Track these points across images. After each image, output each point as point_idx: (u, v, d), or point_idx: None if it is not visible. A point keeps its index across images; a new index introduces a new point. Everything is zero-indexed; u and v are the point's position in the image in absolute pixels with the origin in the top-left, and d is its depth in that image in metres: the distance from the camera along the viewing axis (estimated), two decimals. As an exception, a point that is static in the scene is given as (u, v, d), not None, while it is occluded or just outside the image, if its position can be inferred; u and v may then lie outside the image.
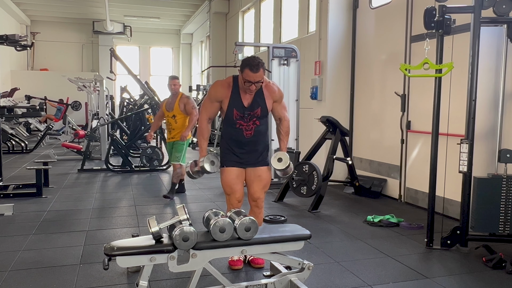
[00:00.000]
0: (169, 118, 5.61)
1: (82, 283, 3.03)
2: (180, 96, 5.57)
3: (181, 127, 5.57)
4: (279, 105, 3.29)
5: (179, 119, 5.56)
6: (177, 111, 5.53)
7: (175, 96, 5.58)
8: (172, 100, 5.59)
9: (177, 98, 5.55)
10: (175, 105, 5.51)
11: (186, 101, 5.52)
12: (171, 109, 5.54)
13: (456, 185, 3.99)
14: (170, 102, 5.61)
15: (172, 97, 5.61)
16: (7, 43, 5.54)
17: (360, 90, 6.76)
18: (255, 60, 3.01)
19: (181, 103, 5.51)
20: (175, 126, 5.60)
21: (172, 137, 5.66)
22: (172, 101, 5.57)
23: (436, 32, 3.74)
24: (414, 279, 3.17)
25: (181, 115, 5.54)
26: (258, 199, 3.31)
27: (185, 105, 5.50)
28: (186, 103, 5.50)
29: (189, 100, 5.55)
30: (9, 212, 4.81)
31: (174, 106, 5.52)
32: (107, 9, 14.80)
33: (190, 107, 5.48)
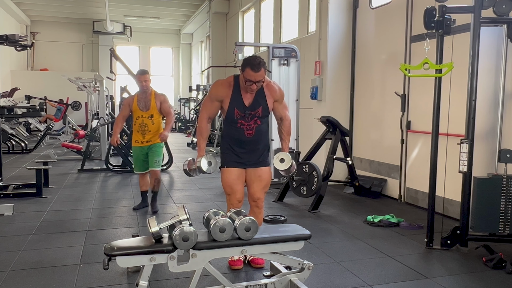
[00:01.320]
0: (145, 118, 4.87)
1: (82, 283, 3.03)
2: (154, 94, 4.93)
3: (157, 129, 4.93)
4: (280, 105, 3.29)
5: (156, 119, 4.94)
6: (155, 110, 4.89)
7: (148, 93, 4.90)
8: (145, 98, 4.89)
9: (152, 95, 4.90)
10: (152, 103, 4.87)
11: (163, 99, 4.95)
12: (147, 108, 4.86)
13: (456, 185, 3.99)
14: (143, 100, 4.88)
15: (143, 94, 4.89)
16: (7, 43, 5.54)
17: (360, 90, 6.76)
18: (257, 59, 3.01)
19: (157, 101, 4.90)
20: (151, 128, 4.89)
21: (148, 140, 4.91)
22: (146, 99, 4.88)
23: (436, 32, 3.74)
24: (414, 279, 3.17)
25: (157, 115, 4.94)
26: (258, 199, 3.31)
27: (161, 103, 4.92)
28: (163, 101, 4.94)
29: (165, 98, 4.99)
30: (9, 212, 4.81)
31: (151, 105, 4.86)
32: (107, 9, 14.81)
33: (167, 105, 4.96)
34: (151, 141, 4.92)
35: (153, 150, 4.96)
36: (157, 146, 4.96)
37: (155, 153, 4.96)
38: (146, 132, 4.89)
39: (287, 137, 3.33)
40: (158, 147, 4.99)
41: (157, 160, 4.97)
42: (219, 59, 14.48)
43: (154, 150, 4.96)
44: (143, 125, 4.88)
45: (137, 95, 4.93)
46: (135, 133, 4.93)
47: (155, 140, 4.93)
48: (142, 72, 4.93)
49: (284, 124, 3.32)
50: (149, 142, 4.92)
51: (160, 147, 5.02)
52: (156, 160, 4.97)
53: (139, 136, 4.91)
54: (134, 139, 4.96)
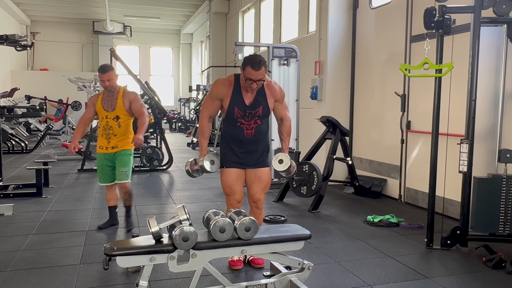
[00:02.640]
0: (110, 120, 4.15)
1: (82, 283, 3.03)
2: (122, 92, 4.20)
3: (124, 133, 4.20)
4: (280, 105, 3.29)
5: (124, 121, 4.20)
6: (121, 111, 4.16)
7: (114, 92, 4.19)
8: (111, 96, 4.18)
9: (119, 94, 4.18)
10: (118, 103, 4.15)
11: (132, 97, 4.20)
12: (113, 108, 4.14)
13: (456, 185, 3.99)
14: (108, 99, 4.18)
15: (109, 93, 4.19)
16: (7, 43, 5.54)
17: (360, 90, 6.76)
18: (257, 58, 3.01)
19: (125, 100, 4.16)
20: (118, 131, 4.17)
21: (114, 146, 4.18)
22: (112, 98, 4.17)
23: (436, 32, 3.74)
24: (414, 279, 3.17)
25: (125, 117, 4.21)
26: (258, 200, 3.31)
27: (131, 102, 4.18)
28: (133, 100, 4.19)
29: (136, 96, 4.25)
30: (9, 212, 4.81)
31: (116, 104, 4.15)
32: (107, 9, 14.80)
33: (138, 105, 4.21)
34: (117, 147, 4.19)
35: (120, 159, 4.21)
36: (124, 154, 4.24)
37: (122, 162, 4.22)
38: (111, 136, 4.17)
39: (287, 138, 3.33)
40: (126, 155, 4.25)
41: (124, 170, 4.23)
42: (219, 59, 14.48)
43: (121, 159, 4.21)
44: (108, 128, 4.17)
45: (103, 93, 4.26)
46: (99, 137, 4.24)
47: (123, 146, 4.21)
48: (103, 69, 4.15)
49: (284, 124, 3.32)
50: (115, 148, 4.19)
51: (128, 155, 4.27)
52: (123, 171, 4.22)
53: (103, 140, 4.20)
54: (98, 144, 4.26)
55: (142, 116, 4.23)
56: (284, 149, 3.31)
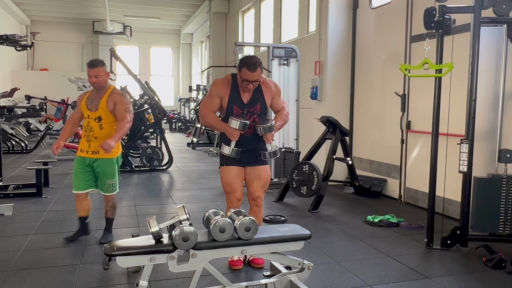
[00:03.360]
0: (92, 120, 3.75)
1: (82, 283, 3.03)
2: (110, 91, 3.83)
3: (107, 136, 3.71)
4: (278, 100, 3.33)
5: (107, 123, 3.77)
6: (104, 112, 3.75)
7: (102, 90, 3.83)
8: (97, 95, 3.82)
9: (106, 93, 3.81)
10: (102, 102, 3.76)
11: (118, 98, 3.78)
12: (95, 108, 3.76)
13: (456, 185, 3.99)
14: (93, 98, 3.82)
15: (97, 92, 3.84)
16: (7, 43, 5.54)
17: (360, 90, 6.76)
18: (253, 59, 3.03)
19: (110, 101, 3.75)
20: (99, 134, 3.74)
21: (95, 150, 3.75)
22: (97, 97, 3.80)
23: (436, 32, 3.74)
24: (414, 279, 3.17)
25: (109, 118, 3.78)
26: (258, 198, 3.32)
27: (116, 103, 3.76)
28: (119, 101, 3.76)
29: (123, 98, 3.80)
30: (9, 212, 4.81)
31: (99, 104, 3.76)
32: (107, 9, 14.81)
33: (123, 108, 3.75)
34: (99, 152, 3.73)
35: (103, 169, 3.78)
36: (108, 162, 3.78)
37: (107, 173, 3.79)
38: (91, 138, 3.75)
39: (280, 121, 3.27)
40: (110, 164, 3.79)
41: (111, 183, 3.82)
42: (219, 59, 14.49)
43: (105, 170, 3.79)
44: (88, 129, 3.77)
45: (92, 90, 3.91)
46: (82, 139, 3.87)
47: (106, 154, 3.71)
48: (91, 63, 3.82)
49: (281, 111, 3.33)
50: (96, 154, 3.74)
51: (112, 164, 3.81)
52: (110, 183, 3.82)
53: (85, 143, 3.79)
54: (79, 147, 3.88)
55: (122, 120, 3.74)
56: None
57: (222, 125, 3.19)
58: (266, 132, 3.13)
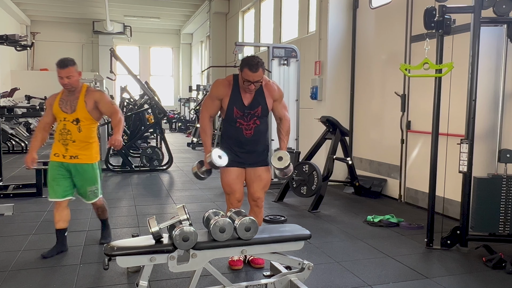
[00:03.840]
0: (68, 123, 3.44)
1: (82, 283, 3.03)
2: (85, 90, 3.51)
3: (86, 139, 3.49)
4: (279, 104, 3.29)
5: (85, 125, 3.47)
6: (83, 113, 3.46)
7: (75, 91, 3.50)
8: (71, 96, 3.49)
9: (80, 93, 3.49)
10: (79, 103, 3.45)
11: (98, 96, 3.53)
12: (72, 109, 3.45)
13: (456, 185, 3.99)
14: (67, 99, 3.49)
15: (69, 93, 3.50)
16: (7, 43, 5.54)
17: (360, 90, 6.76)
18: (254, 59, 3.02)
19: (88, 100, 3.47)
20: (77, 137, 3.45)
21: (73, 155, 3.47)
22: (72, 98, 3.48)
23: (436, 32, 3.74)
24: (414, 279, 3.17)
25: (88, 120, 3.49)
26: (258, 199, 3.32)
27: (96, 102, 3.50)
28: (99, 99, 3.52)
29: (103, 96, 3.59)
30: (9, 212, 4.81)
31: (77, 105, 3.45)
32: (107, 9, 14.81)
33: (107, 103, 3.55)
34: (78, 157, 3.47)
35: (83, 175, 3.52)
36: (88, 168, 3.52)
37: (89, 179, 3.54)
38: (69, 142, 3.44)
39: (286, 137, 3.31)
40: (91, 170, 3.54)
41: (93, 190, 3.58)
42: (219, 59, 14.48)
43: (85, 176, 3.52)
44: (65, 132, 3.44)
45: (62, 92, 3.55)
46: (55, 143, 3.52)
47: (86, 159, 3.49)
48: (62, 63, 3.43)
49: (283, 123, 3.32)
50: (74, 158, 3.47)
51: (93, 169, 3.55)
52: (92, 190, 3.58)
53: (60, 147, 3.48)
54: (53, 151, 3.54)
55: (115, 114, 3.56)
56: (282, 148, 3.29)
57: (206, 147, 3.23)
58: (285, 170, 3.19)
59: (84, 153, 3.49)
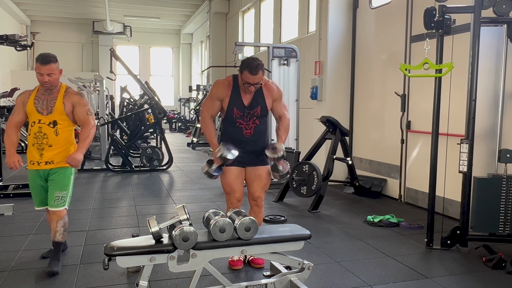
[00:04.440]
0: (44, 126, 3.16)
1: (82, 283, 3.04)
2: (64, 90, 3.25)
3: (64, 144, 3.22)
4: (279, 104, 3.30)
5: (63, 128, 3.20)
6: (60, 115, 3.18)
7: (53, 90, 3.23)
8: (48, 95, 3.22)
9: (59, 93, 3.23)
10: (57, 104, 3.18)
11: (77, 100, 3.24)
12: (49, 110, 3.17)
13: (456, 185, 3.99)
14: (44, 98, 3.21)
15: (46, 91, 3.22)
16: (7, 43, 5.54)
17: (360, 90, 6.76)
18: (254, 62, 3.02)
19: (67, 102, 3.20)
20: (54, 141, 3.17)
21: (48, 160, 3.19)
22: (49, 98, 3.20)
23: (436, 32, 3.74)
24: (414, 279, 3.17)
25: (65, 122, 3.22)
26: (258, 198, 3.32)
27: (74, 105, 3.22)
28: (77, 103, 3.23)
29: (82, 99, 3.28)
30: (9, 212, 4.80)
31: (54, 106, 3.17)
32: (107, 9, 14.81)
33: (84, 110, 3.24)
34: (53, 162, 3.19)
35: (56, 179, 3.22)
36: (63, 173, 3.24)
37: (59, 184, 3.23)
38: (45, 147, 3.15)
39: (284, 134, 3.29)
40: (66, 176, 3.26)
41: (60, 195, 3.23)
42: (219, 59, 14.49)
43: (58, 180, 3.22)
44: (40, 136, 3.15)
45: (37, 89, 3.28)
46: (29, 148, 3.22)
47: (61, 163, 3.20)
48: (44, 59, 3.21)
49: (282, 121, 3.31)
50: (50, 163, 3.19)
51: (67, 175, 3.27)
52: (59, 196, 3.22)
53: (35, 153, 3.18)
54: (28, 158, 3.24)
55: (87, 125, 3.23)
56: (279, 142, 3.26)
57: (213, 144, 3.22)
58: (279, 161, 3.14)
59: (60, 158, 3.21)
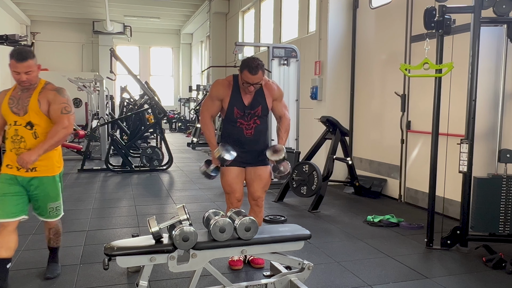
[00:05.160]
0: (21, 128, 2.83)
1: (82, 283, 3.04)
2: (41, 87, 2.90)
3: None
4: (279, 104, 3.30)
5: (42, 130, 2.85)
6: (37, 115, 2.83)
7: (31, 88, 2.89)
8: (22, 94, 2.89)
9: (35, 90, 2.88)
10: (31, 103, 2.83)
11: (52, 96, 2.87)
12: (24, 110, 2.83)
13: (456, 185, 3.99)
14: (19, 97, 2.88)
15: (23, 90, 2.90)
16: (7, 43, 5.54)
17: (360, 90, 6.76)
18: (254, 62, 3.02)
19: (42, 99, 2.84)
20: (33, 145, 2.81)
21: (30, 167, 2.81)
22: (23, 96, 2.87)
23: (436, 32, 3.74)
24: (414, 279, 3.17)
25: (45, 123, 2.86)
26: (259, 198, 3.32)
27: (50, 103, 2.85)
28: (53, 99, 2.85)
29: (58, 96, 2.88)
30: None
31: (28, 106, 2.82)
32: (107, 9, 14.80)
33: (58, 108, 2.85)
34: (36, 169, 2.83)
35: (44, 191, 2.90)
36: (50, 181, 2.92)
37: (50, 196, 2.94)
38: (23, 151, 2.80)
39: (285, 135, 3.29)
40: (53, 183, 2.95)
41: (55, 206, 3.00)
42: (219, 59, 14.49)
43: (47, 191, 2.92)
44: (17, 140, 2.82)
45: (14, 88, 2.96)
46: (7, 152, 2.89)
47: (46, 170, 2.88)
48: (20, 55, 2.89)
49: (283, 121, 3.32)
50: (32, 171, 2.83)
51: (55, 183, 2.97)
52: (53, 207, 3.00)
53: (12, 157, 2.83)
54: (4, 162, 2.88)
55: (57, 124, 2.83)
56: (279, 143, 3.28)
57: (212, 145, 3.23)
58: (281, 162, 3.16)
59: (43, 164, 2.84)
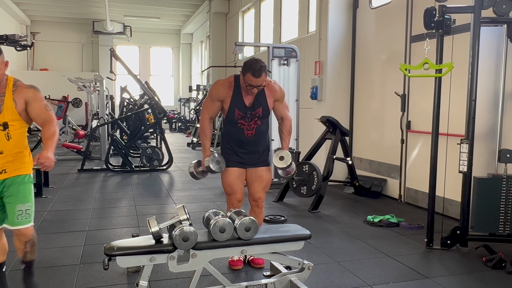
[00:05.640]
0: None
1: (82, 283, 3.04)
2: (12, 85, 2.62)
3: (16, 148, 2.66)
4: (280, 104, 3.29)
5: (15, 131, 2.62)
6: (12, 115, 2.57)
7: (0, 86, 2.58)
8: None
9: (6, 88, 2.59)
10: (6, 102, 2.56)
11: (31, 95, 2.64)
12: None
13: (456, 185, 3.99)
14: None
15: None
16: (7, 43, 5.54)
17: (360, 90, 6.76)
18: (258, 64, 3.00)
19: (18, 99, 2.59)
20: (6, 147, 2.59)
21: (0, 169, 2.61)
22: None
23: (436, 32, 3.74)
24: (414, 279, 3.17)
25: (19, 124, 2.63)
26: (259, 199, 3.32)
27: (28, 102, 2.62)
28: (32, 99, 2.63)
29: (37, 94, 2.68)
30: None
31: (3, 105, 2.55)
32: (107, 9, 14.80)
33: (41, 106, 2.67)
34: (6, 171, 2.63)
35: (15, 191, 2.68)
36: (21, 182, 2.71)
37: (20, 196, 2.70)
38: None
39: (288, 137, 3.32)
40: (24, 184, 2.72)
41: (24, 209, 2.73)
42: (219, 59, 14.48)
43: (17, 191, 2.68)
44: None
45: None
46: None
47: (16, 171, 2.68)
48: None
49: (285, 123, 3.32)
50: (2, 173, 2.63)
51: (26, 183, 2.74)
52: (23, 210, 2.72)
53: None
54: None
55: (49, 122, 2.67)
56: (284, 147, 3.31)
57: (205, 150, 3.27)
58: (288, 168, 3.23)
59: (14, 166, 2.67)
